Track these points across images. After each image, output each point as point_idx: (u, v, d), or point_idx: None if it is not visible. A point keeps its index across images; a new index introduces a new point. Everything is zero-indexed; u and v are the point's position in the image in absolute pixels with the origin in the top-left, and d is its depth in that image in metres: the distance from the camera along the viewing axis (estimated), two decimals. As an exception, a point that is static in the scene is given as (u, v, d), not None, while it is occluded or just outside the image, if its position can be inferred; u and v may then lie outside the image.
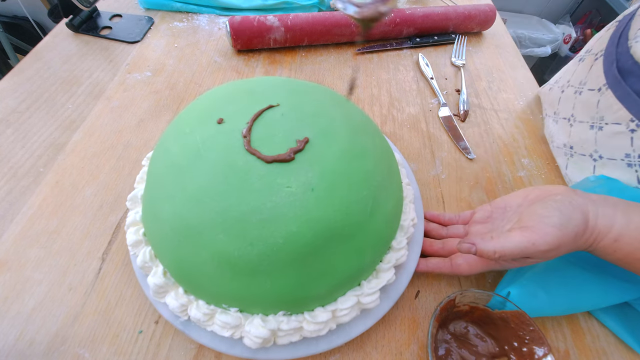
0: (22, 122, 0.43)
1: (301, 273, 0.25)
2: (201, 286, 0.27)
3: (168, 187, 0.26)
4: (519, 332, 0.29)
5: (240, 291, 0.26)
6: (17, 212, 0.36)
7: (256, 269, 0.24)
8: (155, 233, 0.28)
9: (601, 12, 1.45)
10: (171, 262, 0.27)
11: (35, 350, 0.28)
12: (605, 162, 0.38)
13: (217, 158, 0.25)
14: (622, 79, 0.35)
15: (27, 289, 0.31)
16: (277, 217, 0.24)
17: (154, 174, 0.29)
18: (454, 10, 0.62)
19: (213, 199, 0.24)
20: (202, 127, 0.28)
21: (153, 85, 0.50)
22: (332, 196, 0.25)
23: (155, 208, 0.28)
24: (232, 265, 0.24)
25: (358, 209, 0.26)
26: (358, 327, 0.30)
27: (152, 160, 0.30)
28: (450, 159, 0.46)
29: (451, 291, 0.35)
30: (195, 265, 0.26)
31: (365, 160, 0.28)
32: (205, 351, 0.30)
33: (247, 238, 0.24)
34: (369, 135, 0.31)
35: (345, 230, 0.25)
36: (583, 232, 0.27)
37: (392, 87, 0.55)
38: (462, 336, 0.31)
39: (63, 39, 0.54)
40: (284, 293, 0.26)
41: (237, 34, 0.53)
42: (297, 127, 0.27)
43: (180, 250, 0.26)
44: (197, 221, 0.24)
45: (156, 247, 0.29)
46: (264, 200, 0.24)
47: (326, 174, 0.25)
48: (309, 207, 0.24)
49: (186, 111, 0.31)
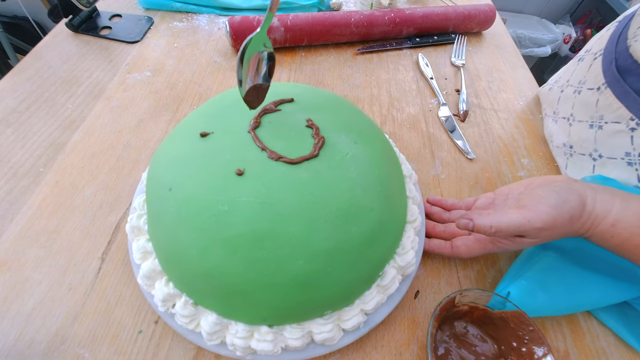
0: (22, 122, 0.43)
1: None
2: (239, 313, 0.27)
3: (202, 236, 0.25)
4: (519, 332, 0.29)
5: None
6: (17, 212, 0.36)
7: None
8: (190, 283, 0.27)
9: (601, 12, 1.45)
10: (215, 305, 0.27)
11: (35, 350, 0.28)
12: (605, 161, 0.38)
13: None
14: (621, 78, 0.35)
15: (27, 289, 0.31)
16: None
17: (178, 216, 0.26)
18: (454, 10, 0.62)
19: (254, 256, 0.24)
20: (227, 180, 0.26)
21: (153, 85, 0.50)
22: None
23: (186, 258, 0.26)
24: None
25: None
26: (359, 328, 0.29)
27: (171, 200, 0.26)
28: (450, 159, 0.46)
29: (451, 291, 0.35)
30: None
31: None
32: (205, 351, 0.30)
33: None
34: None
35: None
36: (580, 215, 0.27)
37: (392, 87, 0.55)
38: (461, 336, 0.31)
39: (63, 39, 0.54)
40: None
41: (237, 34, 0.53)
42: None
43: (225, 302, 0.26)
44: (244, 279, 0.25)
45: (193, 294, 0.28)
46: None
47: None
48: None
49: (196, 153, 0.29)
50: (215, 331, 0.27)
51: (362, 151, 0.29)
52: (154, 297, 0.28)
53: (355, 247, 0.26)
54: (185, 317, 0.27)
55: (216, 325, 0.27)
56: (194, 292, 0.27)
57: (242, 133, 0.28)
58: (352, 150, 0.28)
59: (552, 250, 0.33)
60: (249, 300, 0.25)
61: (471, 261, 0.36)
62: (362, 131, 0.31)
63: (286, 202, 0.24)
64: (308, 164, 0.26)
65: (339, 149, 0.28)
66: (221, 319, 0.27)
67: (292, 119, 0.30)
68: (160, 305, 0.28)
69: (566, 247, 0.33)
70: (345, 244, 0.25)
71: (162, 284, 0.28)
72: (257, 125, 0.28)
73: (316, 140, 0.28)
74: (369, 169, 0.28)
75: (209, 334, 0.27)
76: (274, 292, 0.25)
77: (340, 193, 0.26)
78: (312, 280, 0.25)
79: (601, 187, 0.29)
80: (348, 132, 0.30)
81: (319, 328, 0.27)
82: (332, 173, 0.26)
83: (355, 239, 0.26)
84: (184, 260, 0.26)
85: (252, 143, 0.27)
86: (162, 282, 0.28)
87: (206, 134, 0.28)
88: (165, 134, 0.44)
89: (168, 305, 0.28)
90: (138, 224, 0.31)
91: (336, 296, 0.27)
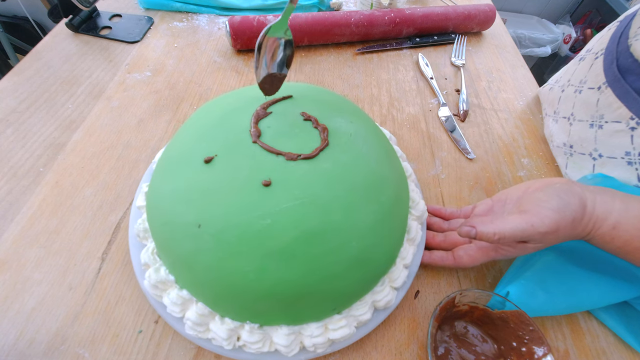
0: (22, 122, 0.43)
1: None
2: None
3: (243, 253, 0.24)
4: (519, 332, 0.29)
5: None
6: (17, 212, 0.36)
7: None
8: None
9: (601, 12, 1.45)
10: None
11: (35, 349, 0.28)
12: (605, 160, 0.38)
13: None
14: (622, 77, 0.35)
15: (27, 289, 0.31)
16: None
17: (220, 247, 0.25)
18: (454, 10, 0.62)
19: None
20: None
21: (153, 85, 0.50)
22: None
23: (242, 284, 0.25)
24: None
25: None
26: (359, 329, 0.30)
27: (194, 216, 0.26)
28: (450, 158, 0.46)
29: (451, 291, 0.35)
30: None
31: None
32: (205, 351, 0.30)
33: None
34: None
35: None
36: (581, 218, 0.27)
37: (392, 87, 0.55)
38: (461, 336, 0.31)
39: (63, 39, 0.54)
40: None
41: (236, 33, 0.53)
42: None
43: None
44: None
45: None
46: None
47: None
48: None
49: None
50: (291, 341, 0.27)
51: (360, 127, 0.31)
52: (212, 340, 0.27)
53: (389, 212, 0.28)
54: (257, 343, 0.27)
55: (290, 335, 0.27)
56: (258, 315, 0.27)
57: (247, 146, 0.27)
58: (352, 128, 0.30)
59: (551, 250, 0.33)
60: (314, 300, 0.26)
61: (471, 261, 0.36)
62: (351, 111, 0.33)
63: (322, 194, 0.25)
64: (324, 153, 0.27)
65: (342, 131, 0.29)
66: (292, 328, 0.27)
67: (287, 117, 0.30)
68: (226, 344, 0.27)
69: (566, 247, 0.33)
70: (381, 213, 0.28)
71: (218, 324, 0.27)
72: (258, 133, 0.27)
73: (320, 129, 0.29)
74: (373, 141, 0.31)
75: (285, 347, 0.27)
76: (337, 282, 0.26)
77: (362, 169, 0.28)
78: (366, 256, 0.27)
79: (599, 188, 0.29)
80: (341, 115, 0.31)
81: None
82: (348, 154, 0.28)
83: (387, 205, 0.28)
84: (240, 288, 0.25)
85: (263, 152, 0.26)
86: (217, 322, 0.27)
87: (210, 158, 0.26)
88: (165, 133, 0.44)
89: (233, 340, 0.27)
90: (161, 277, 0.28)
91: (388, 263, 0.30)
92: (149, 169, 0.37)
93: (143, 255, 0.30)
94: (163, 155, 0.31)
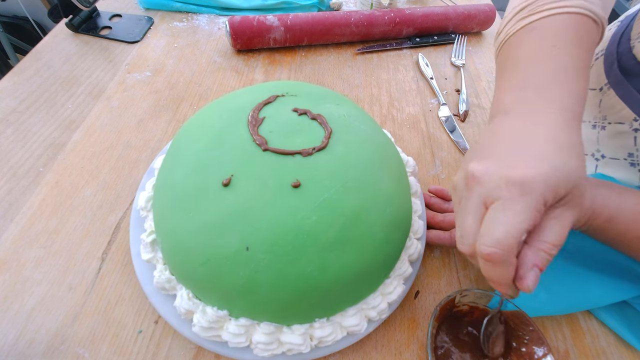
0: (22, 122, 0.43)
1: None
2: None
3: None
4: (519, 332, 0.29)
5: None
6: (16, 212, 0.36)
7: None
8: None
9: (601, 12, 1.44)
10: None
11: (35, 349, 0.28)
12: (608, 161, 0.38)
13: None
14: (625, 79, 0.35)
15: (27, 289, 0.31)
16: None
17: (279, 260, 0.24)
18: (454, 10, 0.62)
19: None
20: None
21: (153, 85, 0.50)
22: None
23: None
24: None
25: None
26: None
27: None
28: (450, 159, 0.46)
29: (451, 291, 0.35)
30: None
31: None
32: (205, 351, 0.30)
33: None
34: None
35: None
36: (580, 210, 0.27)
37: (392, 87, 0.55)
38: (461, 336, 0.31)
39: (63, 39, 0.54)
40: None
41: (236, 33, 0.53)
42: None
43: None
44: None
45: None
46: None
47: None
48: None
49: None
50: (305, 340, 0.27)
51: (347, 107, 0.33)
52: (287, 352, 0.27)
53: (400, 174, 0.31)
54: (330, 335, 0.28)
55: (305, 335, 0.27)
56: (325, 309, 0.28)
57: (259, 155, 0.26)
58: (343, 110, 0.32)
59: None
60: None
61: (471, 261, 0.36)
62: (332, 96, 0.34)
63: (348, 176, 0.27)
64: (332, 139, 0.28)
65: (337, 115, 0.31)
66: (304, 327, 0.28)
67: (283, 117, 0.30)
68: (303, 348, 0.27)
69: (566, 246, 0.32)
70: (396, 176, 0.31)
71: (288, 333, 0.27)
72: (264, 140, 0.27)
73: (319, 120, 0.30)
74: (361, 116, 0.33)
75: (298, 344, 0.27)
76: (379, 256, 0.27)
77: (368, 143, 0.30)
78: (400, 217, 0.29)
79: (597, 181, 0.29)
80: (327, 101, 0.33)
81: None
82: (351, 134, 0.30)
83: (396, 167, 0.31)
84: (309, 288, 0.25)
85: (277, 156, 0.26)
86: (286, 332, 0.27)
87: (228, 180, 0.25)
88: (165, 134, 0.44)
89: (308, 342, 0.28)
90: (211, 318, 0.26)
91: (409, 222, 0.32)
92: (149, 169, 0.37)
93: (179, 305, 0.27)
94: (166, 191, 0.28)
